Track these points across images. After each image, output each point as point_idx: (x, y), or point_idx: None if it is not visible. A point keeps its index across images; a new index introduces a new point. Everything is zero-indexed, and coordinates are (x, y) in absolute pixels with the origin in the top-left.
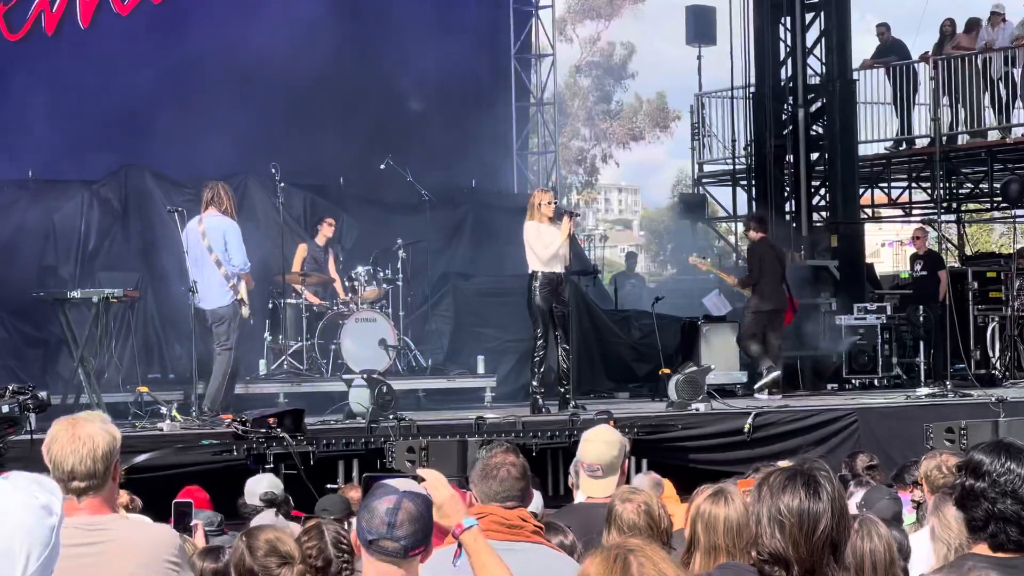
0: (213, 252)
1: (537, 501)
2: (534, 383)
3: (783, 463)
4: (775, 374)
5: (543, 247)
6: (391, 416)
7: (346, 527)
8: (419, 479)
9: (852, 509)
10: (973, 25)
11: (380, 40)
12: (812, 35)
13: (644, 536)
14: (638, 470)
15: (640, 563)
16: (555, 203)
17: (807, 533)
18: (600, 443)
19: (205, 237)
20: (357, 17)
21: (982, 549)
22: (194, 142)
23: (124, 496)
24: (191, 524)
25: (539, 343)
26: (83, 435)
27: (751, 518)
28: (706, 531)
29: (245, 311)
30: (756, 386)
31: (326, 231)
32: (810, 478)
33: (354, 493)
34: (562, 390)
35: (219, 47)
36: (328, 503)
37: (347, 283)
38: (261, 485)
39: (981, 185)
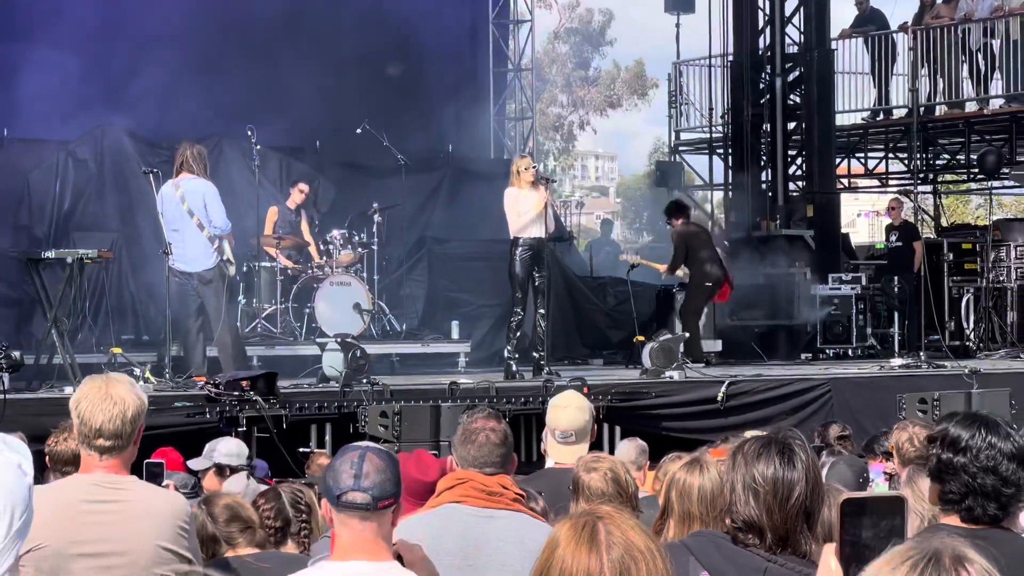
0: (194, 215)
1: None
2: (508, 348)
3: (752, 433)
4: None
5: (517, 215)
6: (364, 380)
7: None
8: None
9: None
10: None
11: (360, 4)
12: (791, 4)
13: (614, 502)
14: (611, 438)
15: (608, 531)
16: (535, 168)
17: (781, 501)
18: (573, 409)
19: (184, 201)
20: None
21: (952, 520)
22: (170, 103)
23: None
24: (163, 484)
25: (516, 309)
26: (115, 395)
27: (725, 486)
28: (680, 499)
29: (231, 270)
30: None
31: (297, 196)
32: (785, 446)
33: (324, 460)
34: (536, 356)
35: (196, 6)
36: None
37: (322, 247)
38: (217, 448)
39: (958, 156)
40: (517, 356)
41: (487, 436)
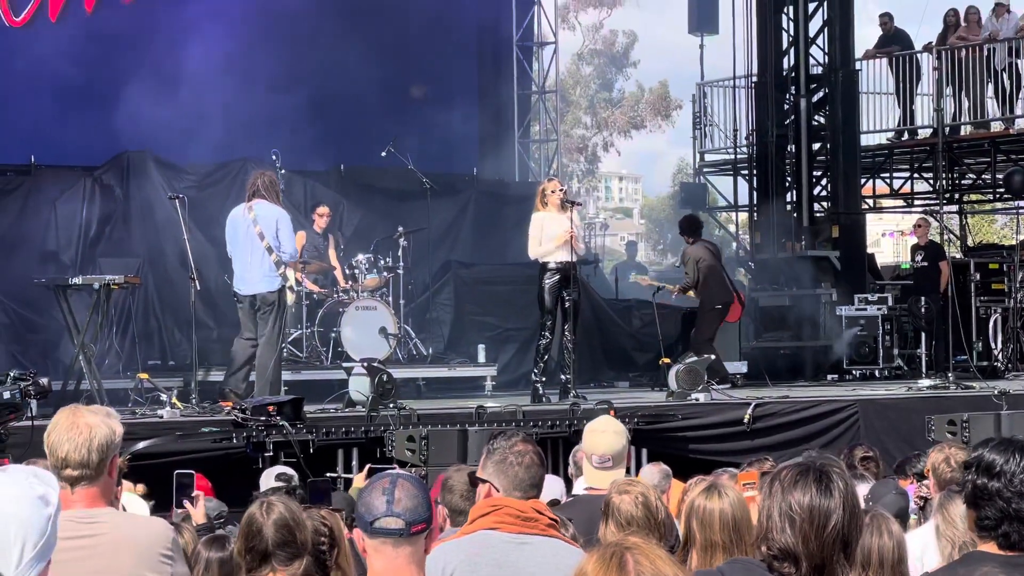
0: (265, 238)
1: (558, 487)
2: (535, 371)
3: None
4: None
5: (538, 242)
6: (391, 405)
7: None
8: None
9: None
10: (977, 15)
11: (382, 28)
12: (815, 24)
13: (642, 527)
14: (638, 460)
15: (637, 561)
16: (563, 191)
17: (817, 529)
18: (611, 434)
19: (257, 223)
20: (360, 8)
21: (990, 547)
22: (195, 128)
23: (140, 487)
24: (192, 495)
25: (544, 332)
26: (81, 424)
27: (761, 513)
28: (701, 527)
29: (291, 297)
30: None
31: (319, 220)
32: (822, 474)
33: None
34: (564, 379)
35: (221, 32)
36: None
37: (348, 271)
38: (273, 474)
39: (984, 176)
40: (544, 379)
41: (532, 459)
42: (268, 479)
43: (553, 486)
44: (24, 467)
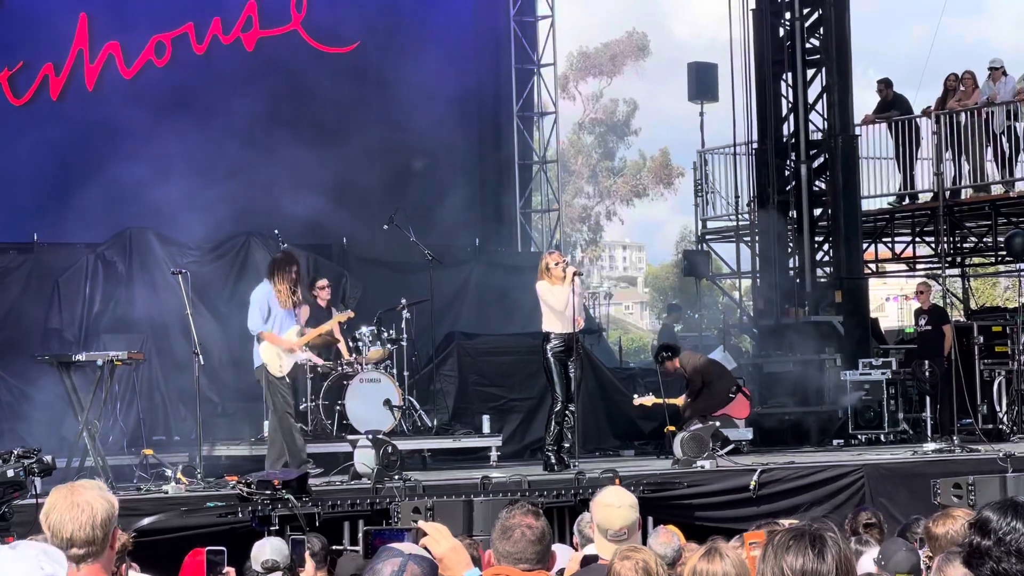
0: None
1: (566, 556)
2: (548, 441)
3: (789, 521)
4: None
5: (555, 300)
6: (396, 476)
7: None
8: (420, 533)
9: (867, 567)
10: (973, 79)
11: (383, 100)
12: (814, 91)
13: None
14: (644, 528)
15: None
16: (565, 263)
17: None
18: (626, 508)
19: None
20: (360, 80)
21: None
22: (198, 204)
23: None
24: (223, 572)
25: (555, 401)
26: (81, 502)
27: None
28: None
29: (263, 373)
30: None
31: (323, 294)
32: (816, 538)
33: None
34: (567, 445)
35: (222, 110)
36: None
37: (351, 343)
38: (264, 552)
39: (985, 239)
40: (556, 448)
41: (523, 532)
42: (258, 552)
43: (561, 555)
44: (34, 544)
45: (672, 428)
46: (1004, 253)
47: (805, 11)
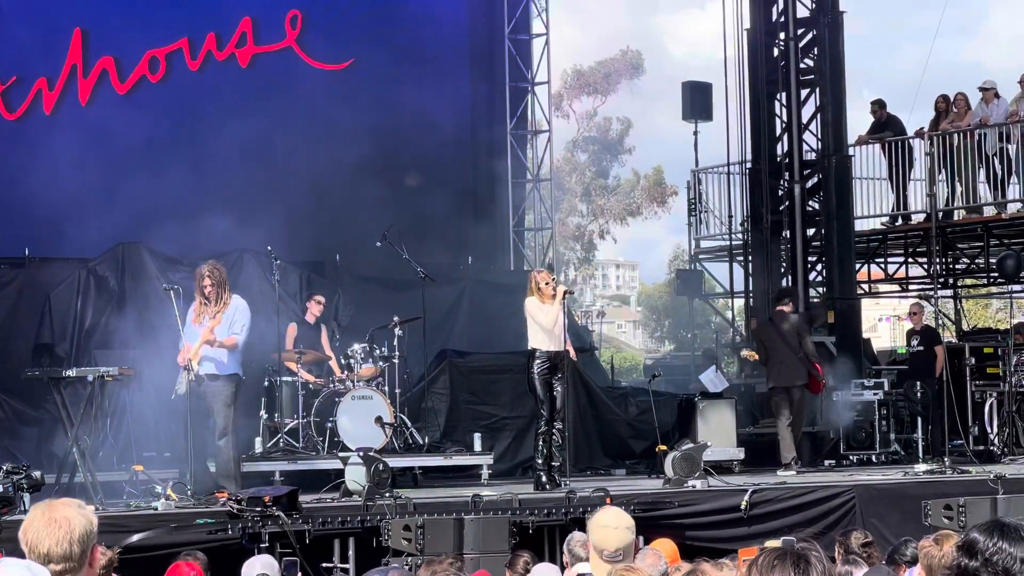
0: None
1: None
2: (538, 460)
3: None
4: (790, 472)
5: (544, 318)
6: (387, 494)
7: None
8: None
9: None
10: (965, 101)
11: (377, 117)
12: (808, 111)
13: None
14: (636, 548)
15: None
16: (554, 281)
17: None
18: (623, 529)
19: None
20: (354, 97)
21: None
22: (190, 219)
23: None
24: None
25: (542, 420)
26: (59, 517)
27: None
28: None
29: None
30: (778, 472)
31: (315, 309)
32: (800, 558)
33: None
34: (556, 464)
35: (216, 125)
36: None
37: (343, 360)
38: (255, 568)
39: (977, 260)
40: (546, 467)
41: None
42: (248, 570)
43: (550, 574)
44: (18, 560)
45: (664, 447)
46: (996, 274)
47: (799, 31)
